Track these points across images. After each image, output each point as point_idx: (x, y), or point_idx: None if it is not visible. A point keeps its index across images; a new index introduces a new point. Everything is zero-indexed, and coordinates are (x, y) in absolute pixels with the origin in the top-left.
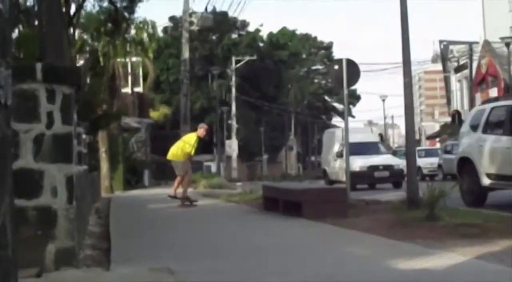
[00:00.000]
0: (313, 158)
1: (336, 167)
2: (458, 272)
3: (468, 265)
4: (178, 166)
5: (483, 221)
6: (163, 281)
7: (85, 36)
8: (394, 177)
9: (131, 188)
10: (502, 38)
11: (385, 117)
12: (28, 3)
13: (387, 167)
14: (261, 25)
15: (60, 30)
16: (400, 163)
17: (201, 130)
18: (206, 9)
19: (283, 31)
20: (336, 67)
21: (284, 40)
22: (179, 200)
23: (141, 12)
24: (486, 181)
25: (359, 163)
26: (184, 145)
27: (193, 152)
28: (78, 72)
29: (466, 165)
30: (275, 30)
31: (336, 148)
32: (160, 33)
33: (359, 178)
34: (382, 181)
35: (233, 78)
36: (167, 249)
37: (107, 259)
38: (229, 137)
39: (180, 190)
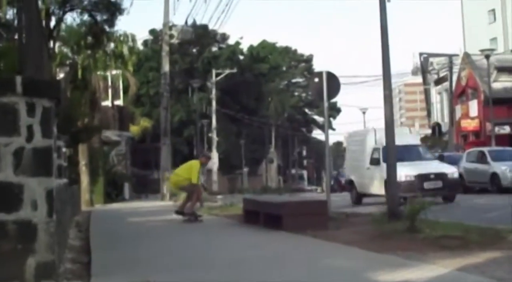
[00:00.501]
0: (293, 171)
1: (369, 176)
2: None
3: (449, 277)
4: (185, 188)
5: (464, 233)
6: None
7: (65, 49)
8: (449, 188)
9: (111, 201)
10: (481, 51)
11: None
12: (7, 16)
13: (440, 176)
14: (241, 38)
15: (40, 43)
16: (454, 170)
17: (204, 158)
18: (186, 22)
19: (263, 44)
20: (316, 80)
21: (264, 53)
22: (186, 215)
23: (121, 25)
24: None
25: (404, 171)
26: (189, 172)
27: (196, 180)
28: (58, 86)
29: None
30: (255, 43)
31: (369, 152)
32: (140, 46)
33: (404, 190)
34: (433, 193)
35: (213, 91)
36: (147, 262)
37: (88, 273)
38: (209, 150)
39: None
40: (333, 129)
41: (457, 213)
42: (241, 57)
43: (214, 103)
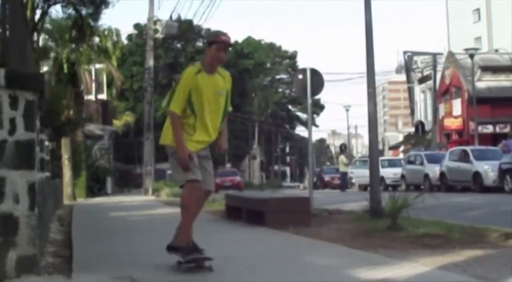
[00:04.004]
0: (276, 167)
1: None
2: None
3: (430, 275)
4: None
5: (446, 232)
6: None
7: (49, 43)
8: None
9: (93, 195)
10: (466, 50)
11: (348, 127)
12: None
13: None
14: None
15: (24, 36)
16: None
17: None
18: (171, 17)
19: (248, 40)
20: (300, 76)
21: (249, 50)
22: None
23: (106, 20)
24: None
25: None
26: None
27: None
28: (41, 79)
29: None
30: (240, 39)
31: None
32: (124, 40)
33: None
34: None
35: None
36: (130, 257)
37: (69, 267)
38: None
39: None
40: (317, 126)
41: (440, 212)
42: None
43: None
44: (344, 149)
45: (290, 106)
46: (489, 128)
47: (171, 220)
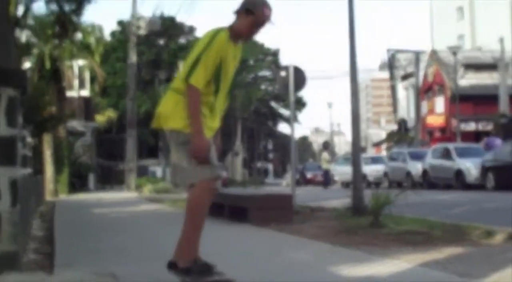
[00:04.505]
0: (259, 164)
1: None
2: (401, 279)
3: (411, 272)
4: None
5: (428, 229)
6: None
7: (32, 39)
8: None
9: (76, 191)
10: (449, 47)
11: (331, 125)
12: None
13: None
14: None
15: (6, 32)
16: None
17: None
18: (153, 14)
19: None
20: (283, 73)
21: None
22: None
23: (89, 16)
24: None
25: None
26: None
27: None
28: (24, 75)
29: None
30: None
31: None
32: (108, 37)
33: None
34: None
35: None
36: (112, 254)
37: (51, 263)
38: None
39: None
40: (299, 123)
41: (422, 209)
42: None
43: None
44: (326, 146)
45: (273, 103)
46: (472, 126)
47: (154, 216)
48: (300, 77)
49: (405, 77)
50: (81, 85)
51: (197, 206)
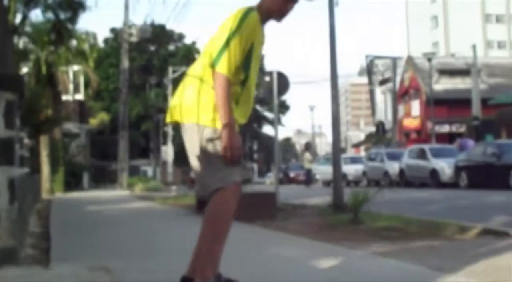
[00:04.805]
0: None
1: None
2: (379, 272)
3: (389, 265)
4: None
5: (404, 225)
6: (100, 279)
7: (29, 45)
8: None
9: (71, 190)
10: (424, 54)
11: (313, 127)
12: None
13: None
14: (198, 38)
15: (5, 39)
16: None
17: None
18: (145, 21)
19: None
20: (267, 78)
21: None
22: None
23: (84, 23)
24: None
25: None
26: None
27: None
28: (21, 80)
29: None
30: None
31: None
32: (101, 44)
33: None
34: None
35: (170, 88)
36: (105, 249)
37: (47, 258)
38: (165, 143)
39: None
40: (283, 125)
41: (399, 206)
42: (197, 56)
43: (170, 98)
44: (308, 147)
45: (257, 106)
46: (446, 128)
47: (145, 213)
48: (283, 82)
49: (382, 82)
50: (76, 89)
51: (224, 214)
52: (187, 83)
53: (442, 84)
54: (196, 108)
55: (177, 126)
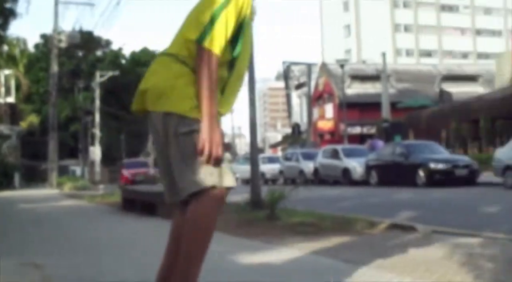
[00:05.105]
0: None
1: None
2: (295, 265)
3: (304, 259)
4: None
5: (318, 220)
6: (30, 274)
7: None
8: None
9: (2, 189)
10: (337, 61)
11: (233, 128)
12: None
13: None
14: (124, 44)
15: None
16: None
17: None
18: (73, 28)
19: (145, 50)
20: None
21: (145, 58)
22: None
23: (15, 30)
24: None
25: None
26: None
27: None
28: None
29: None
30: (137, 50)
31: None
32: (32, 49)
33: None
34: None
35: (97, 91)
36: (35, 246)
37: None
38: (93, 144)
39: None
40: None
41: (313, 203)
42: (123, 61)
43: (97, 101)
44: (228, 147)
45: None
46: (357, 130)
47: (74, 210)
48: None
49: (298, 86)
50: (7, 92)
51: (207, 224)
52: (160, 63)
53: (354, 89)
54: (171, 93)
55: (144, 116)
